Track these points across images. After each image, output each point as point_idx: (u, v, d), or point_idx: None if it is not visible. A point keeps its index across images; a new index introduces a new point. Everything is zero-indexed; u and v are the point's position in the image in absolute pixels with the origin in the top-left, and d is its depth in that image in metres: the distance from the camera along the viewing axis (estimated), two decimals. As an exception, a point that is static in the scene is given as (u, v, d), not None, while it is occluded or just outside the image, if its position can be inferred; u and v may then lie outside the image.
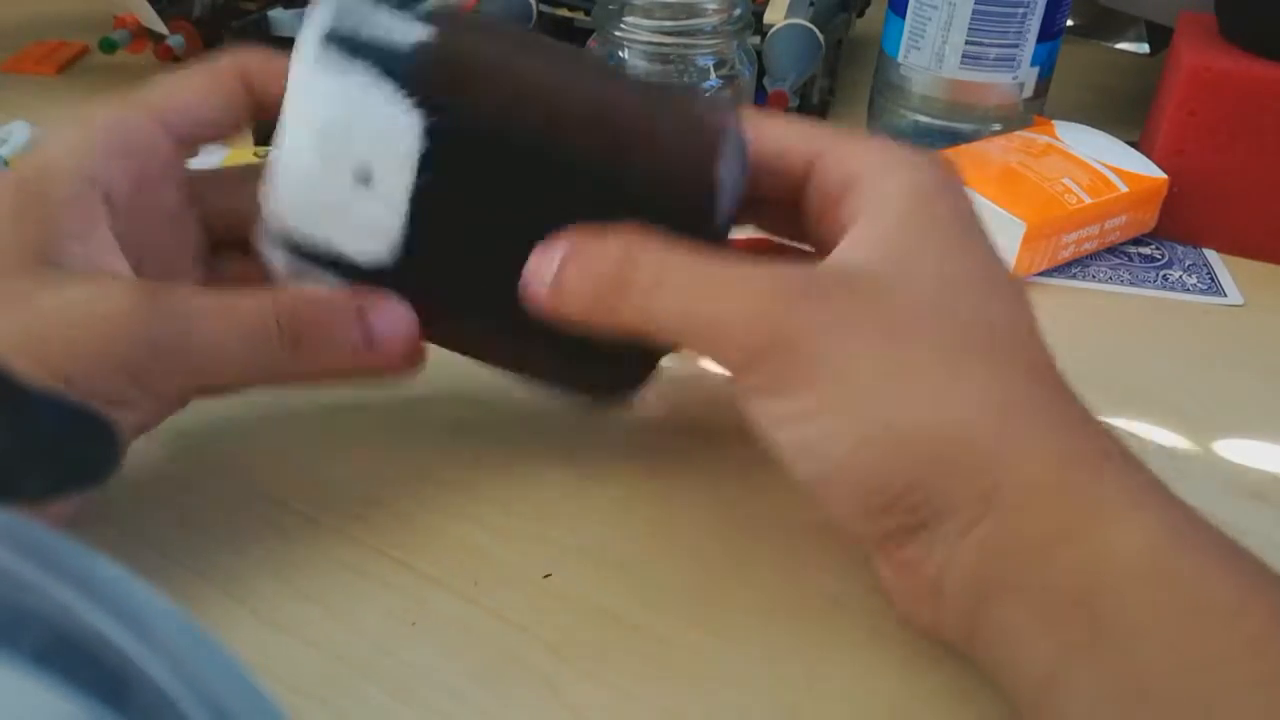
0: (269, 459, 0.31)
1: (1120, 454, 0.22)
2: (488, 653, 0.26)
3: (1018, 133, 0.48)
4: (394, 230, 0.26)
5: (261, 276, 0.30)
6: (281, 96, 0.26)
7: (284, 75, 0.26)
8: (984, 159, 0.45)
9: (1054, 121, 0.48)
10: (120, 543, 0.28)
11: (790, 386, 0.23)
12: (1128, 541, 0.21)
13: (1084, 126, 0.47)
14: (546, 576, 0.28)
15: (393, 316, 0.27)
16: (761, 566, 0.29)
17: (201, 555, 0.28)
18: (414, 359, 0.28)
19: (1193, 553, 0.20)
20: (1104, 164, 0.45)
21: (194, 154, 0.29)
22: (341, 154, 0.25)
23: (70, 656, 0.09)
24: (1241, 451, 0.34)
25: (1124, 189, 0.43)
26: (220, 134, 0.29)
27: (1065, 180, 0.43)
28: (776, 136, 0.27)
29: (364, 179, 0.25)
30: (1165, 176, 0.44)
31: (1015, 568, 0.21)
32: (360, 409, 0.34)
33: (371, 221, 0.26)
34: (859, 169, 0.26)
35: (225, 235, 0.30)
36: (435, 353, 0.36)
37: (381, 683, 0.25)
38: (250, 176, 0.30)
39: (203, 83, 0.28)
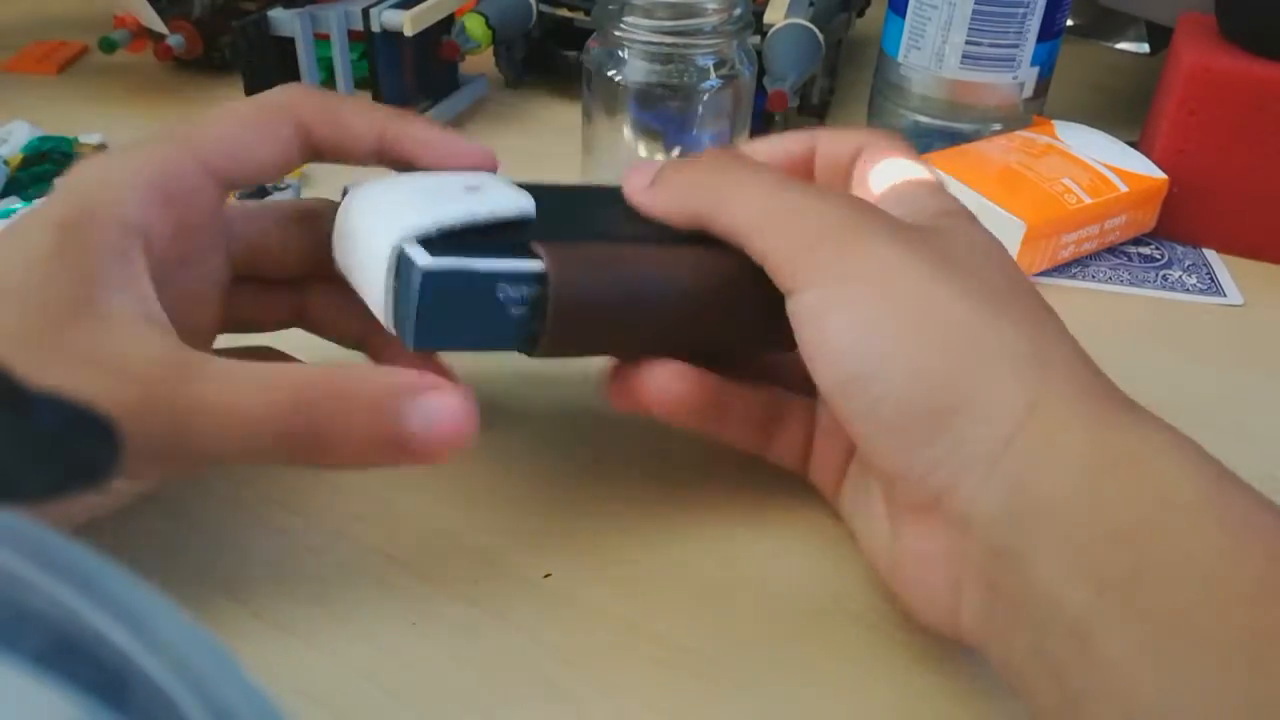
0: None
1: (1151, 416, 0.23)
2: (488, 653, 0.26)
3: (1018, 133, 0.48)
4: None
5: (277, 310, 0.30)
6: (335, 139, 0.27)
7: (338, 118, 0.27)
8: (984, 159, 0.45)
9: (1054, 121, 0.48)
10: (120, 543, 0.28)
11: (839, 276, 0.24)
12: (1177, 473, 0.20)
13: (1084, 126, 0.47)
14: (546, 576, 0.28)
15: (439, 409, 0.24)
16: (762, 566, 0.29)
17: (202, 555, 0.28)
18: (458, 448, 0.24)
19: (1238, 495, 0.20)
20: (1104, 164, 0.45)
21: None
22: None
23: (70, 656, 0.09)
24: (1242, 452, 0.34)
25: (1124, 189, 0.43)
26: (267, 178, 0.28)
27: (1065, 180, 0.43)
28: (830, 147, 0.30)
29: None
30: (1165, 176, 0.44)
31: (1053, 496, 0.21)
32: (360, 409, 0.34)
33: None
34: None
35: (245, 270, 0.29)
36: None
37: (381, 683, 0.25)
38: (275, 212, 0.30)
39: (254, 123, 0.27)
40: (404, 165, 0.29)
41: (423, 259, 0.24)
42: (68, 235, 0.23)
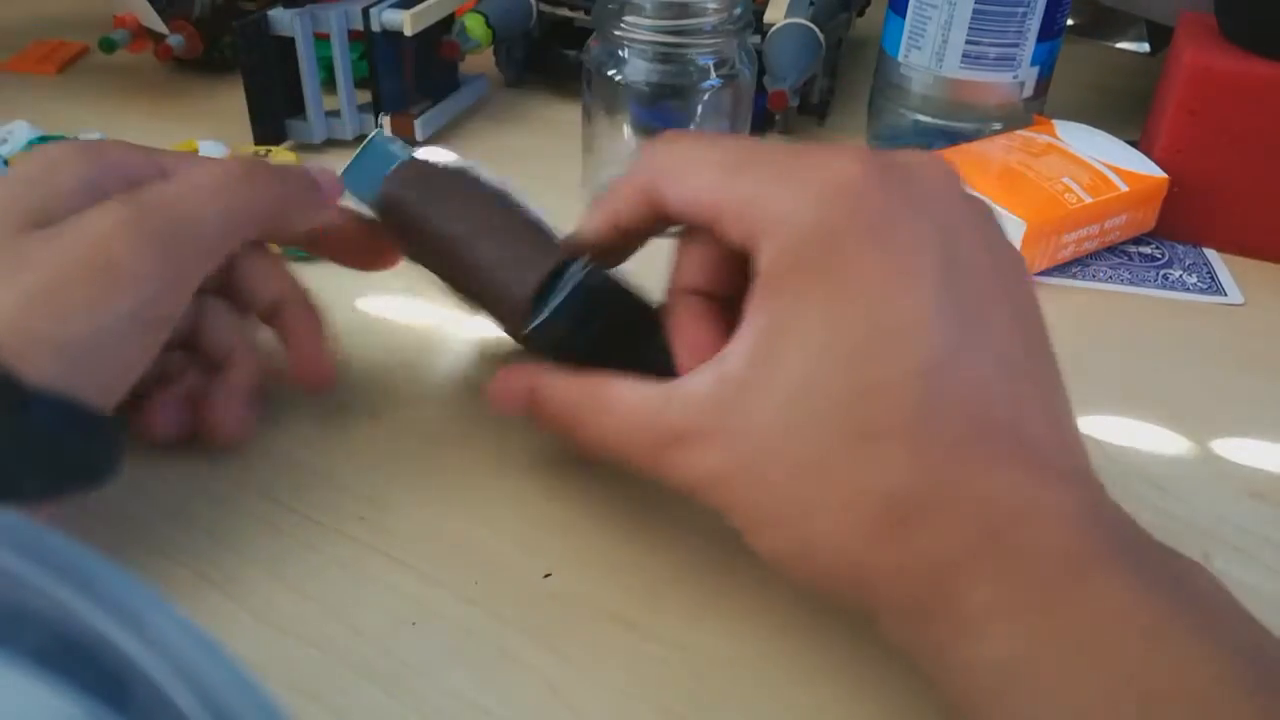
0: (269, 459, 0.31)
1: (992, 536, 0.21)
2: (488, 653, 0.26)
3: (1018, 132, 0.48)
4: None
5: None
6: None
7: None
8: (984, 159, 0.45)
9: (1054, 121, 0.48)
10: (121, 543, 0.28)
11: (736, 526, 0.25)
12: (991, 654, 0.20)
13: (1084, 126, 0.47)
14: (546, 576, 0.28)
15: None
16: (762, 566, 0.28)
17: (201, 555, 0.28)
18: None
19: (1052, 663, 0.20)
20: (1104, 163, 0.45)
21: None
22: None
23: (70, 656, 0.09)
24: (1241, 451, 0.34)
25: (1124, 188, 0.43)
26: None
27: (1065, 180, 0.43)
28: (685, 193, 0.26)
29: None
30: (1165, 176, 0.44)
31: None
32: (360, 409, 0.34)
33: None
34: (753, 230, 0.24)
35: None
36: (438, 358, 0.36)
37: (381, 683, 0.25)
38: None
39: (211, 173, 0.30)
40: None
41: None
42: (32, 179, 0.26)
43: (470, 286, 0.30)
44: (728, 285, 0.26)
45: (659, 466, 0.25)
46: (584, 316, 0.28)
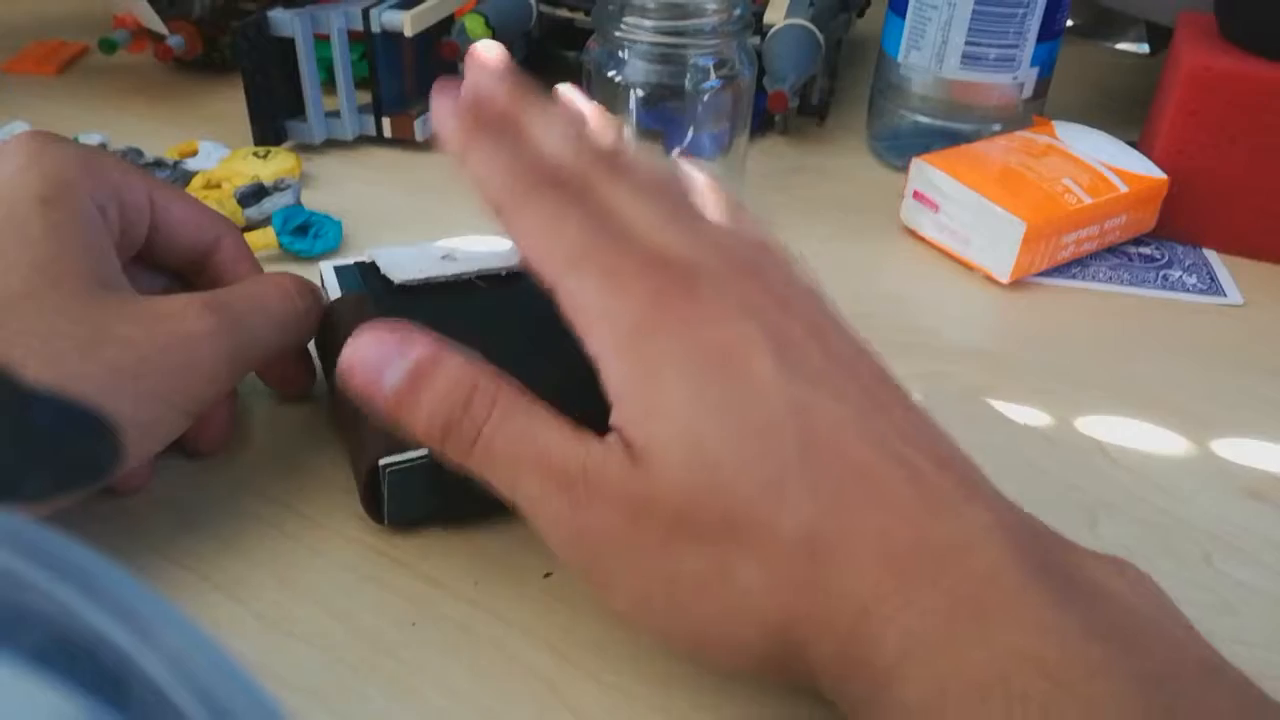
0: (269, 459, 0.31)
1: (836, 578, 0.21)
2: (488, 653, 0.26)
3: (1018, 133, 0.48)
4: None
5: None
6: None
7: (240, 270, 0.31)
8: (984, 159, 0.45)
9: (1054, 121, 0.48)
10: (120, 543, 0.28)
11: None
12: (910, 697, 0.20)
13: (1084, 126, 0.47)
14: (546, 576, 0.28)
15: None
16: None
17: (202, 556, 0.28)
18: None
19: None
20: (1104, 164, 0.45)
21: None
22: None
23: (70, 656, 0.09)
24: (1241, 451, 0.34)
25: (1124, 189, 0.43)
26: (169, 257, 0.31)
27: (1065, 180, 0.43)
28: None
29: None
30: (1165, 177, 0.44)
31: None
32: (360, 409, 0.34)
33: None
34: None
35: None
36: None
37: (381, 683, 0.25)
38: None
39: (197, 218, 0.31)
40: None
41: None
42: (54, 211, 0.26)
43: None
44: None
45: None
46: (431, 490, 0.28)
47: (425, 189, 0.49)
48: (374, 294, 0.32)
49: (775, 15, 0.51)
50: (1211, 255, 0.46)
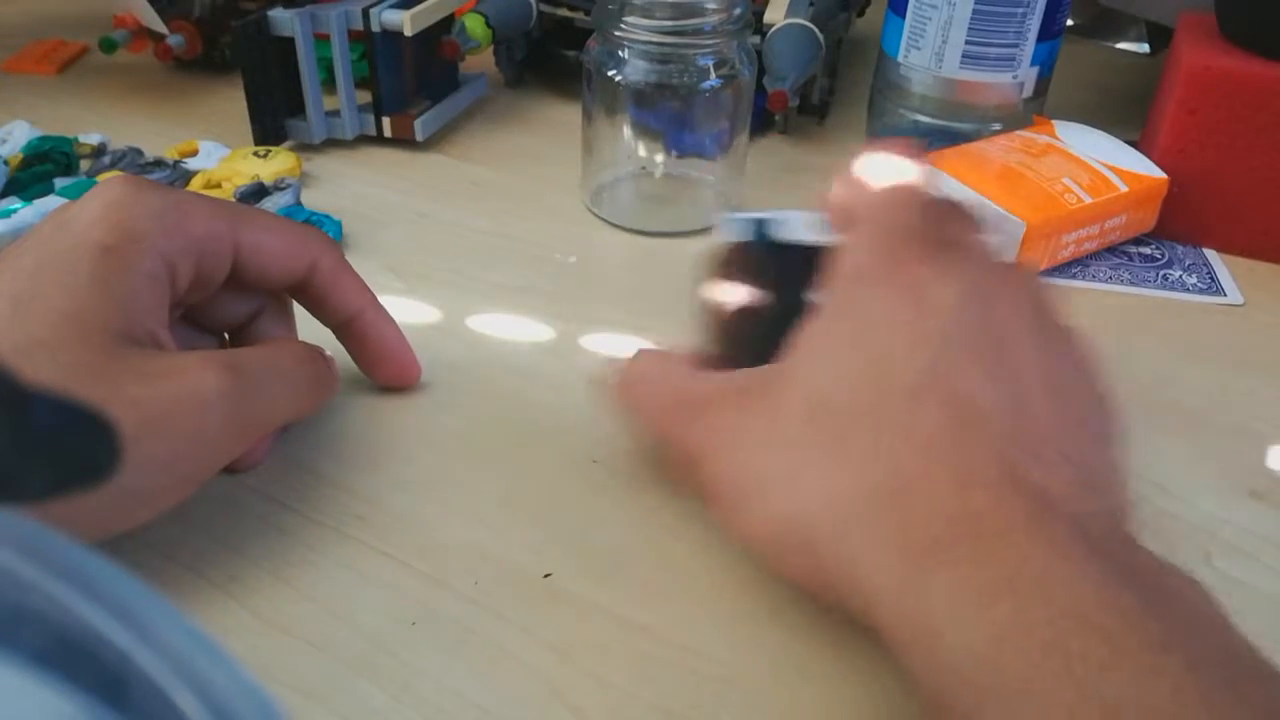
0: (270, 459, 0.31)
1: (973, 536, 0.21)
2: (488, 653, 0.26)
3: (1018, 132, 0.48)
4: None
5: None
6: (326, 299, 0.32)
7: (340, 282, 0.31)
8: (984, 159, 0.45)
9: (1054, 121, 0.48)
10: (121, 543, 0.28)
11: (708, 499, 0.26)
12: (963, 643, 0.20)
13: (1084, 126, 0.47)
14: (546, 576, 0.28)
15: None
16: (762, 566, 0.29)
17: (201, 555, 0.28)
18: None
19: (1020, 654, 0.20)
20: (1104, 164, 0.45)
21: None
22: None
23: (70, 656, 0.09)
24: (1241, 451, 0.34)
25: (1124, 189, 0.43)
26: (263, 287, 0.31)
27: (1065, 180, 0.43)
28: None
29: None
30: (1165, 176, 0.44)
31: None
32: (360, 410, 0.34)
33: None
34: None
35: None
36: (438, 358, 0.36)
37: (381, 683, 0.25)
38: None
39: (286, 247, 0.30)
40: (355, 343, 0.33)
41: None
42: (111, 260, 0.26)
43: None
44: None
45: (672, 429, 0.27)
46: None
47: (425, 189, 0.49)
48: (764, 248, 0.36)
49: (775, 14, 0.51)
50: (1211, 255, 0.46)
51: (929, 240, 0.26)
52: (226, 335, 0.33)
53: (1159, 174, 0.44)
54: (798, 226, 0.37)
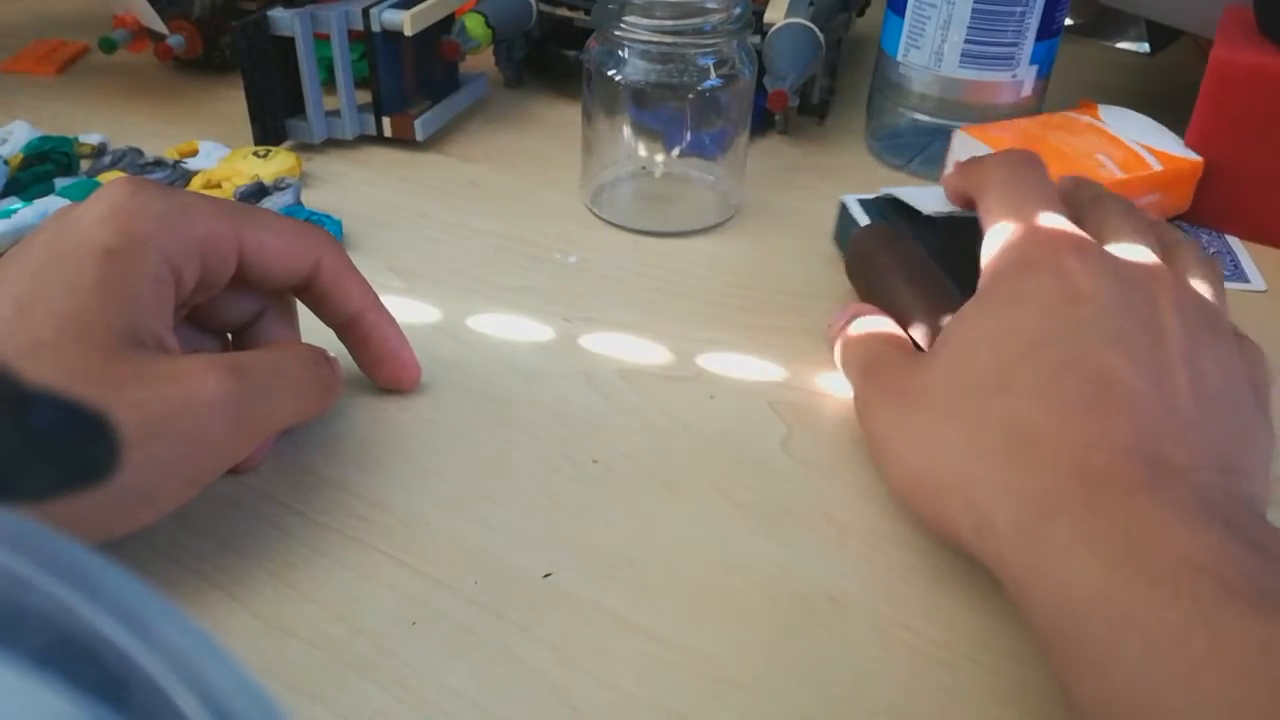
0: (269, 459, 0.31)
1: (1085, 504, 0.23)
2: (488, 653, 0.26)
3: (1061, 112, 0.49)
4: None
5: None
6: (329, 299, 0.31)
7: (343, 284, 0.31)
8: (1024, 132, 0.46)
9: (1099, 105, 0.49)
10: (121, 543, 0.28)
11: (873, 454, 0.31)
12: (1074, 579, 0.22)
13: (1129, 111, 0.49)
14: (546, 576, 0.28)
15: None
16: (762, 566, 0.29)
17: (202, 555, 0.28)
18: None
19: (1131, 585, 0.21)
20: (1141, 144, 0.46)
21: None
22: None
23: (70, 656, 0.09)
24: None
25: (1158, 167, 0.44)
26: (266, 288, 0.31)
27: (1099, 156, 0.45)
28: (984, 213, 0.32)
29: None
30: (1200, 159, 0.45)
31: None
32: (361, 410, 0.34)
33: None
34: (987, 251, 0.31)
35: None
36: (438, 358, 0.36)
37: (382, 683, 0.25)
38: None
39: (290, 246, 0.30)
40: (356, 343, 0.33)
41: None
42: (115, 263, 0.26)
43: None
44: None
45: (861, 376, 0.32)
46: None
47: (425, 188, 0.49)
48: (899, 223, 0.39)
49: (775, 14, 0.51)
50: (1236, 242, 0.46)
51: (1071, 227, 0.29)
52: (230, 336, 0.32)
53: (1195, 157, 0.45)
54: (928, 200, 0.39)
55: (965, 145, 0.46)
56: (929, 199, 0.39)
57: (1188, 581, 0.20)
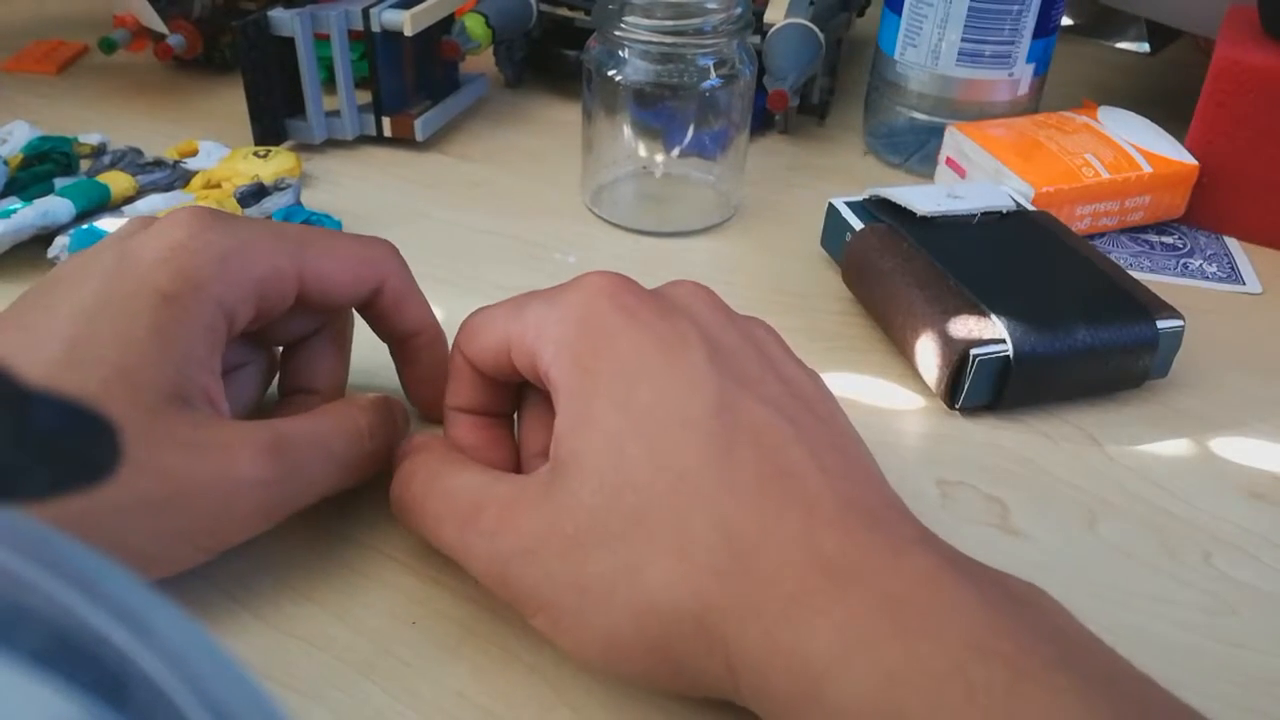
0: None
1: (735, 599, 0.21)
2: (488, 653, 0.26)
3: (1059, 112, 0.49)
4: None
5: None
6: (391, 320, 0.31)
7: (405, 305, 0.31)
8: (1015, 130, 0.46)
9: (1100, 106, 0.49)
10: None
11: (527, 615, 0.24)
12: (851, 690, 0.19)
13: (1129, 113, 0.49)
14: (546, 576, 0.28)
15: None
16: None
17: (202, 555, 0.28)
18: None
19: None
20: (1134, 146, 0.46)
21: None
22: None
23: (70, 656, 0.09)
24: (1241, 451, 0.34)
25: (1147, 169, 0.44)
26: (331, 310, 0.30)
27: (1087, 155, 0.44)
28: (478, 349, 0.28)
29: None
30: (1196, 163, 0.45)
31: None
32: (360, 409, 0.34)
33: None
34: (534, 350, 0.26)
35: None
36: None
37: (381, 683, 0.25)
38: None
39: (352, 271, 0.29)
40: (405, 361, 0.32)
41: None
42: (171, 309, 0.25)
43: (902, 341, 0.37)
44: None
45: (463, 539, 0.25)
46: (998, 382, 0.34)
47: (425, 188, 0.49)
48: (895, 224, 0.39)
49: (775, 14, 0.51)
50: (1233, 244, 0.46)
51: (629, 290, 0.26)
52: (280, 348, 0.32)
53: (1191, 160, 0.45)
54: (921, 199, 0.39)
55: (958, 142, 0.46)
56: (922, 198, 0.39)
57: (978, 671, 0.18)
